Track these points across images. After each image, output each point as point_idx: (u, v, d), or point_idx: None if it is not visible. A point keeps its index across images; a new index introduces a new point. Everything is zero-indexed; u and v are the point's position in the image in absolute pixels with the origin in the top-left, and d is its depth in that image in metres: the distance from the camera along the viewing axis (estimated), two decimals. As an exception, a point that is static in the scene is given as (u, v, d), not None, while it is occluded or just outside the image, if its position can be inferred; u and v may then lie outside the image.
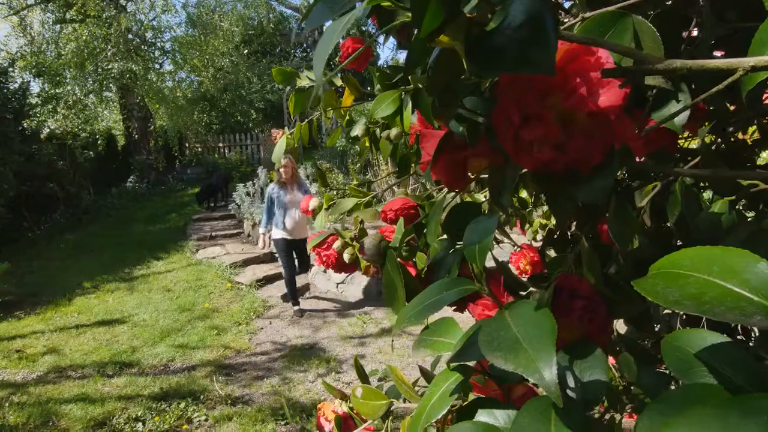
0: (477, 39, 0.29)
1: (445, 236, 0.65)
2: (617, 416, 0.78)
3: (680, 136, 0.55)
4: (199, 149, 12.83)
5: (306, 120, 1.03)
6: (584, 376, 0.39)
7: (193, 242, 7.57)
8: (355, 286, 5.56)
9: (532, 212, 1.44)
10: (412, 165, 0.89)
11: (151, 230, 8.37)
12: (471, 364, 0.49)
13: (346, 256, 0.72)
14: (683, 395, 0.27)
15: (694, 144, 0.65)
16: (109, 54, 8.54)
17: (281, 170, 4.80)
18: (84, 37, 8.26)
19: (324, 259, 0.76)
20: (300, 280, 5.80)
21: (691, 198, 0.47)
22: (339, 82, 1.12)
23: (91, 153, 8.83)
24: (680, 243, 0.50)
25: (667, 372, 0.57)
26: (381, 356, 4.09)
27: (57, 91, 8.56)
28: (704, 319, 0.70)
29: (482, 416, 0.40)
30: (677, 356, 0.29)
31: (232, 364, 3.96)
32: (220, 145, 12.84)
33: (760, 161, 0.79)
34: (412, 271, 0.75)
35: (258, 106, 13.25)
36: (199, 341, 4.38)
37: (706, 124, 0.49)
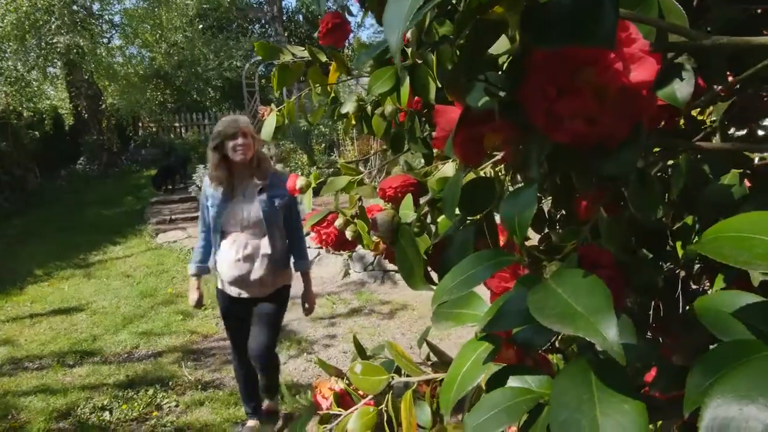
0: (534, 11, 0.29)
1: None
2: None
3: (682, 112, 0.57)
4: (154, 129, 12.30)
5: (294, 97, 1.01)
6: (610, 341, 0.40)
7: (152, 226, 7.30)
8: (323, 267, 5.54)
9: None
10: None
11: (106, 214, 8.00)
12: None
13: (348, 234, 0.72)
14: (727, 351, 0.29)
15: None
16: (53, 27, 7.97)
17: (231, 148, 2.25)
18: (24, 8, 7.67)
19: (324, 237, 0.75)
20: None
21: (697, 170, 0.49)
22: (323, 58, 1.09)
23: (37, 133, 8.30)
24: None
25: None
26: (352, 335, 4.13)
27: (-3, 66, 7.96)
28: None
29: (514, 382, 0.41)
30: (714, 317, 0.31)
31: (201, 349, 3.90)
32: (177, 124, 12.35)
33: None
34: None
35: (215, 84, 12.79)
36: (164, 327, 4.27)
37: (720, 101, 0.51)
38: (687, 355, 0.55)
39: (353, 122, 1.15)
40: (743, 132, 0.55)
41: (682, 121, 0.69)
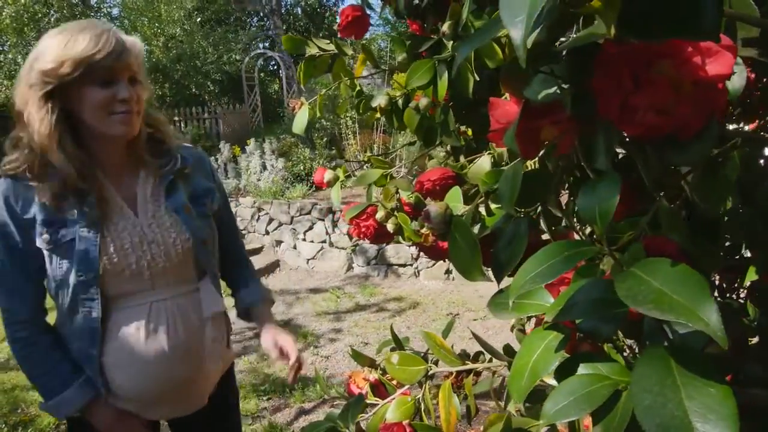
0: (634, 5, 0.30)
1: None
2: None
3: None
4: (153, 123, 12.21)
5: (324, 91, 1.01)
6: (680, 328, 0.41)
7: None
8: (326, 261, 5.55)
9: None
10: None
11: (107, 209, 7.98)
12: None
13: (390, 226, 0.73)
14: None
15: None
16: (52, 20, 7.91)
17: (102, 106, 0.96)
18: (23, 1, 7.61)
19: (363, 230, 0.76)
20: (268, 257, 5.70)
21: (752, 162, 0.50)
22: (350, 52, 1.10)
23: (37, 127, 8.27)
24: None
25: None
26: (357, 329, 4.14)
27: (-5, 58, 7.90)
28: None
29: (584, 370, 0.42)
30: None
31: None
32: (176, 119, 12.29)
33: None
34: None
35: (214, 78, 12.71)
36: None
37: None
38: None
39: (377, 116, 1.15)
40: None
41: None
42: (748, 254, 0.66)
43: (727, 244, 0.67)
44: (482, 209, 0.68)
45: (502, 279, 0.56)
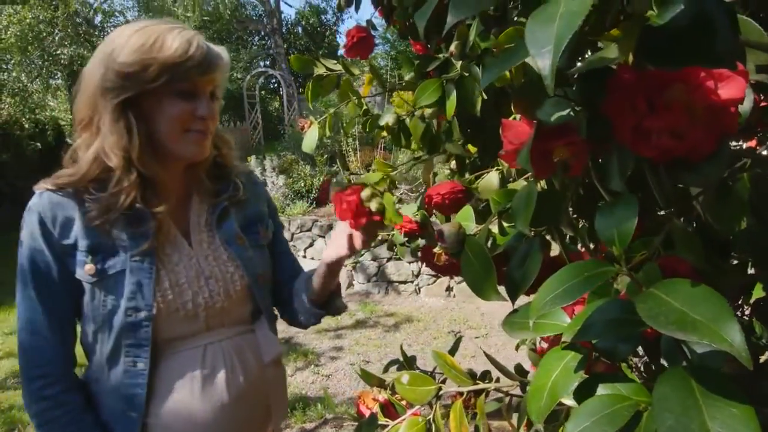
0: (651, 34, 0.31)
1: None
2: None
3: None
4: (154, 140, 12.29)
5: (333, 110, 1.03)
6: (697, 348, 0.42)
7: (154, 237, 7.27)
8: (327, 278, 5.53)
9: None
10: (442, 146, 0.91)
11: (107, 225, 7.97)
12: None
13: (373, 205, 0.70)
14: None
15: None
16: (56, 39, 8.03)
17: (182, 119, 0.84)
18: (28, 20, 7.73)
19: (344, 206, 0.71)
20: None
21: (761, 183, 0.51)
22: (356, 72, 1.11)
23: (39, 144, 8.32)
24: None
25: None
26: (358, 347, 4.11)
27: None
28: None
29: (604, 390, 0.42)
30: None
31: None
32: (177, 136, 12.36)
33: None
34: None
35: (216, 96, 12.81)
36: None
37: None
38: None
39: (383, 134, 1.17)
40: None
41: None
42: (751, 271, 0.67)
43: (734, 262, 0.67)
44: (493, 227, 0.69)
45: (517, 298, 0.56)
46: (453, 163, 1.19)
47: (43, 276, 0.85)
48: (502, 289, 0.58)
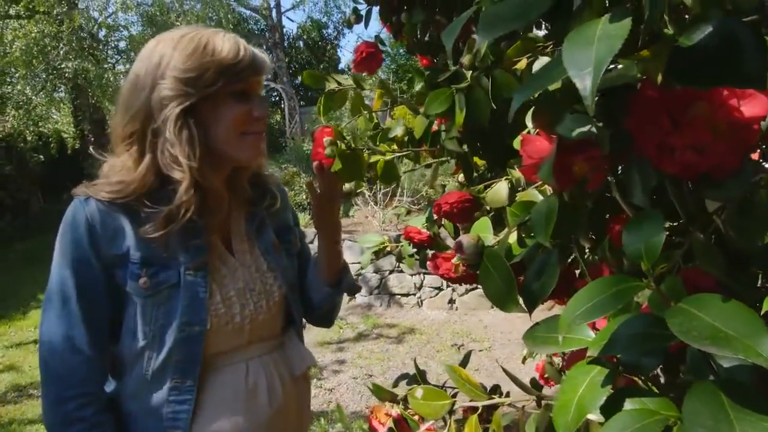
0: (681, 55, 0.32)
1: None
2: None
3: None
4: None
5: (348, 122, 1.04)
6: (724, 362, 0.42)
7: (155, 249, 7.27)
8: (329, 290, 5.51)
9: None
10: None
11: (108, 238, 7.97)
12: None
13: (327, 151, 0.79)
14: None
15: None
16: (61, 53, 8.11)
17: (237, 124, 0.83)
18: (33, 34, 7.82)
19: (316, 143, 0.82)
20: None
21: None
22: (367, 87, 1.13)
23: (42, 157, 8.36)
24: None
25: None
26: (361, 361, 4.09)
27: (4, 90, 8.05)
28: None
29: (631, 405, 0.42)
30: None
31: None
32: (179, 148, 12.40)
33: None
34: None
35: (218, 109, 12.88)
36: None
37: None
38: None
39: (394, 146, 1.18)
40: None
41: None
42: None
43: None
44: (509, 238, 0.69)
45: (534, 309, 0.56)
46: (461, 176, 1.20)
47: (88, 288, 0.81)
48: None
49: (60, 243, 0.82)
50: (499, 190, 0.84)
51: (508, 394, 0.84)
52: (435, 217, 1.05)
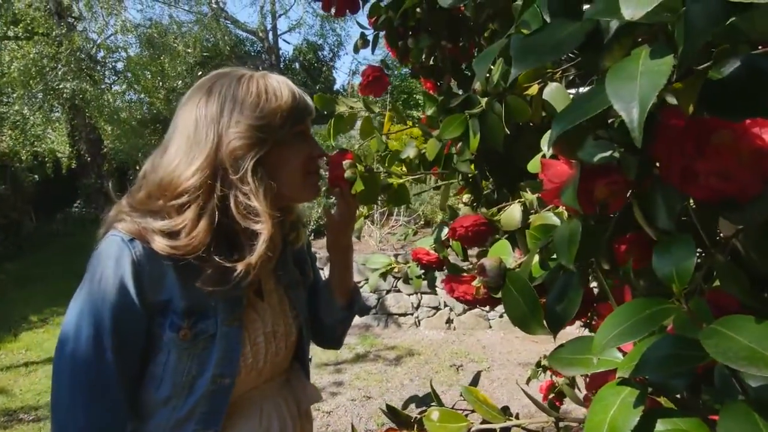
0: (713, 87, 0.33)
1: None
2: None
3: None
4: (152, 173, 12.33)
5: (357, 146, 1.05)
6: (752, 381, 0.43)
7: (150, 269, 7.20)
8: (326, 311, 5.48)
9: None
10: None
11: (102, 258, 7.89)
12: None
13: (348, 173, 0.82)
14: None
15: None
16: (59, 73, 8.16)
17: (305, 164, 0.84)
18: (31, 55, 7.87)
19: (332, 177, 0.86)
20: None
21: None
22: (376, 110, 1.15)
23: (37, 176, 8.33)
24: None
25: None
26: (359, 382, 4.04)
27: (0, 110, 8.06)
28: None
29: (664, 426, 0.42)
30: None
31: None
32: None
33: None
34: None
35: (214, 129, 12.93)
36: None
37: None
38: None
39: (404, 168, 1.20)
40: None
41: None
42: None
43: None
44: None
45: (559, 332, 0.57)
46: (465, 197, 1.22)
47: (127, 334, 0.75)
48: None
49: (97, 284, 0.74)
50: (513, 212, 0.85)
51: (517, 416, 0.84)
52: (443, 238, 1.07)
